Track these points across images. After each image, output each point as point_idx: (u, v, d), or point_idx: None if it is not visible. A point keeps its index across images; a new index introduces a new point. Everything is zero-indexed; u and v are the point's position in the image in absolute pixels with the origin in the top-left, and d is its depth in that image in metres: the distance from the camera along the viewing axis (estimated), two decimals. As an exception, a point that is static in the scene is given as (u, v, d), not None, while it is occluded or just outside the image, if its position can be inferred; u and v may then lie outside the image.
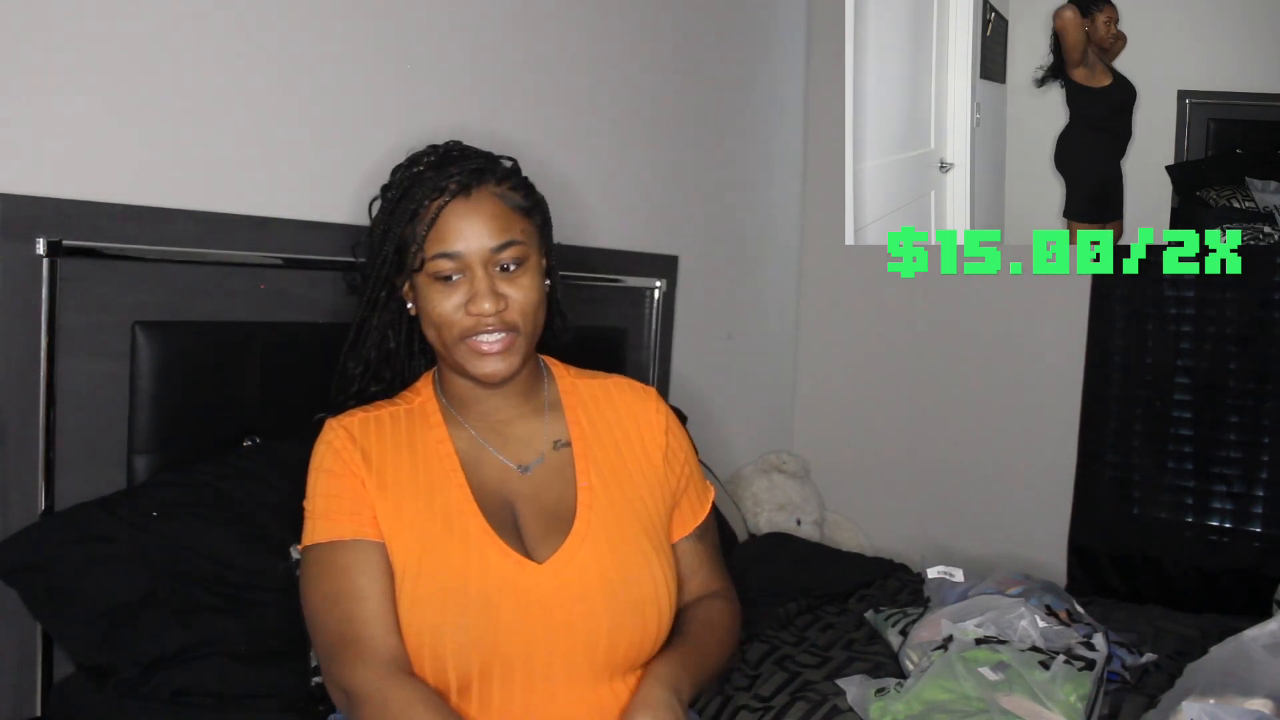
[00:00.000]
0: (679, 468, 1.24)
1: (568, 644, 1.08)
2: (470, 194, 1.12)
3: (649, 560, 1.14)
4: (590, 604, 1.09)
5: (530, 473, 1.18)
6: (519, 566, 1.09)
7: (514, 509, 1.15)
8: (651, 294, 2.39)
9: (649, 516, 1.19)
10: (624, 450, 1.21)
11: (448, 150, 1.17)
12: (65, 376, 1.37)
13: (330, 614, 1.08)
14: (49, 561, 1.29)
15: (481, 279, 1.11)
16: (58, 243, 1.33)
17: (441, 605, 1.06)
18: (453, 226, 1.11)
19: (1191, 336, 2.55)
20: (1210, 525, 2.54)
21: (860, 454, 3.02)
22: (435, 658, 1.05)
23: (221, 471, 1.45)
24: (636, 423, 1.23)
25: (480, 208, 1.12)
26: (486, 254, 1.11)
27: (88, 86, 1.39)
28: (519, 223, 1.14)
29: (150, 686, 1.25)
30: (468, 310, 1.11)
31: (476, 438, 1.19)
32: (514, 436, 1.20)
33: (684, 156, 2.57)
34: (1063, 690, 1.38)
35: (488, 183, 1.13)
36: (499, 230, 1.12)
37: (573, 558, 1.11)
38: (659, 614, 1.13)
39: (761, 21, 2.88)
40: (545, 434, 1.21)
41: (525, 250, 1.14)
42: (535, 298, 1.14)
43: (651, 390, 1.28)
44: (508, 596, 1.07)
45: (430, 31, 1.87)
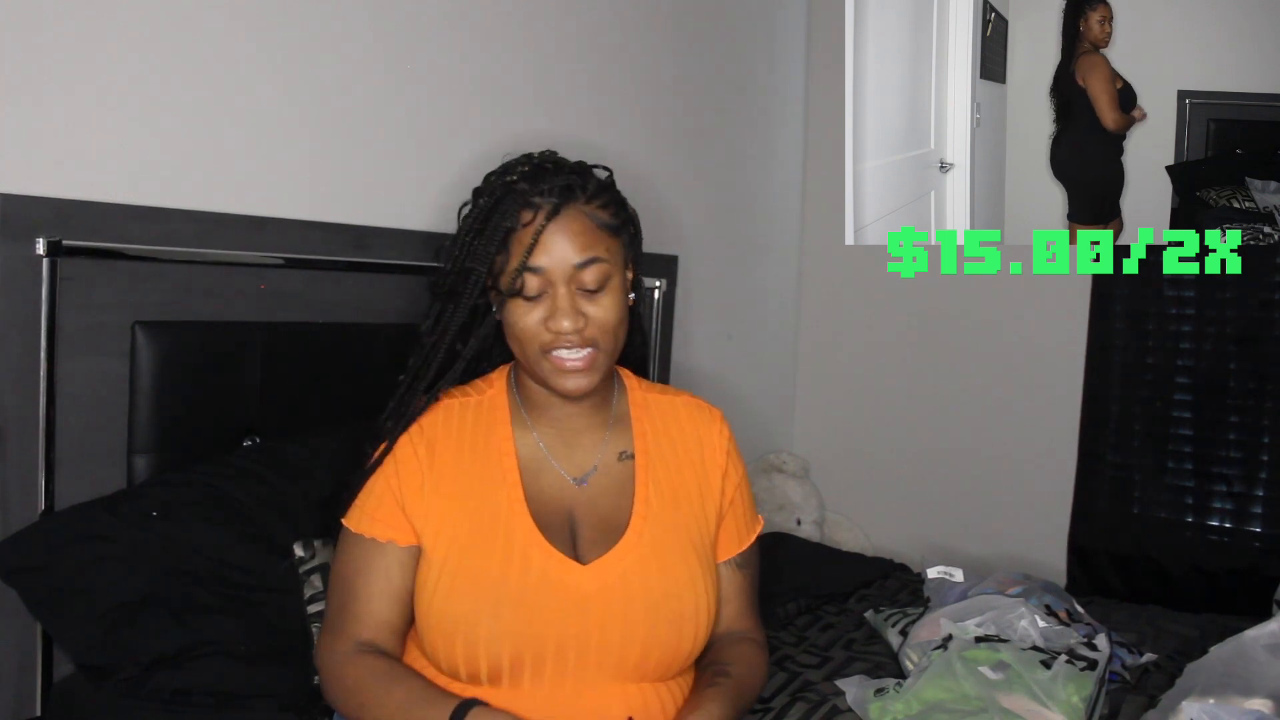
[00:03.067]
0: (732, 490, 1.25)
1: (601, 645, 1.09)
2: (560, 214, 1.10)
3: (694, 577, 1.15)
4: (629, 610, 1.10)
5: (586, 484, 1.19)
6: (562, 565, 1.11)
7: (571, 515, 1.16)
8: (652, 294, 2.39)
9: (700, 535, 1.19)
10: (685, 468, 1.22)
11: (541, 162, 1.14)
12: (65, 376, 1.37)
13: (334, 594, 1.16)
14: (49, 561, 1.29)
15: (564, 296, 1.10)
16: (58, 243, 1.33)
17: (476, 597, 1.08)
18: (539, 243, 1.09)
19: (1191, 336, 2.55)
20: (1210, 525, 2.54)
21: (860, 454, 3.02)
22: (468, 644, 1.07)
23: (221, 471, 1.44)
24: (700, 442, 1.24)
25: (567, 226, 1.10)
26: (570, 270, 1.10)
27: (88, 86, 1.39)
28: (605, 240, 1.13)
29: (150, 686, 1.25)
30: (548, 326, 1.10)
31: (540, 445, 1.20)
32: (579, 445, 1.21)
33: (684, 157, 2.57)
34: (1064, 690, 1.38)
35: (577, 200, 1.11)
36: (583, 247, 1.10)
37: (618, 563, 1.12)
38: (696, 631, 1.14)
39: (762, 22, 2.88)
40: (611, 445, 1.22)
41: (608, 269, 1.12)
42: (616, 316, 1.13)
43: (718, 412, 1.28)
44: (547, 593, 1.09)
45: (429, 32, 1.87)
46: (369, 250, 1.73)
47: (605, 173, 1.18)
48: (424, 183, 1.82)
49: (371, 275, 1.73)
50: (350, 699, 1.09)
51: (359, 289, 1.72)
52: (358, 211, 1.74)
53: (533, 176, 1.12)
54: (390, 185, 1.78)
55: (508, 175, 1.13)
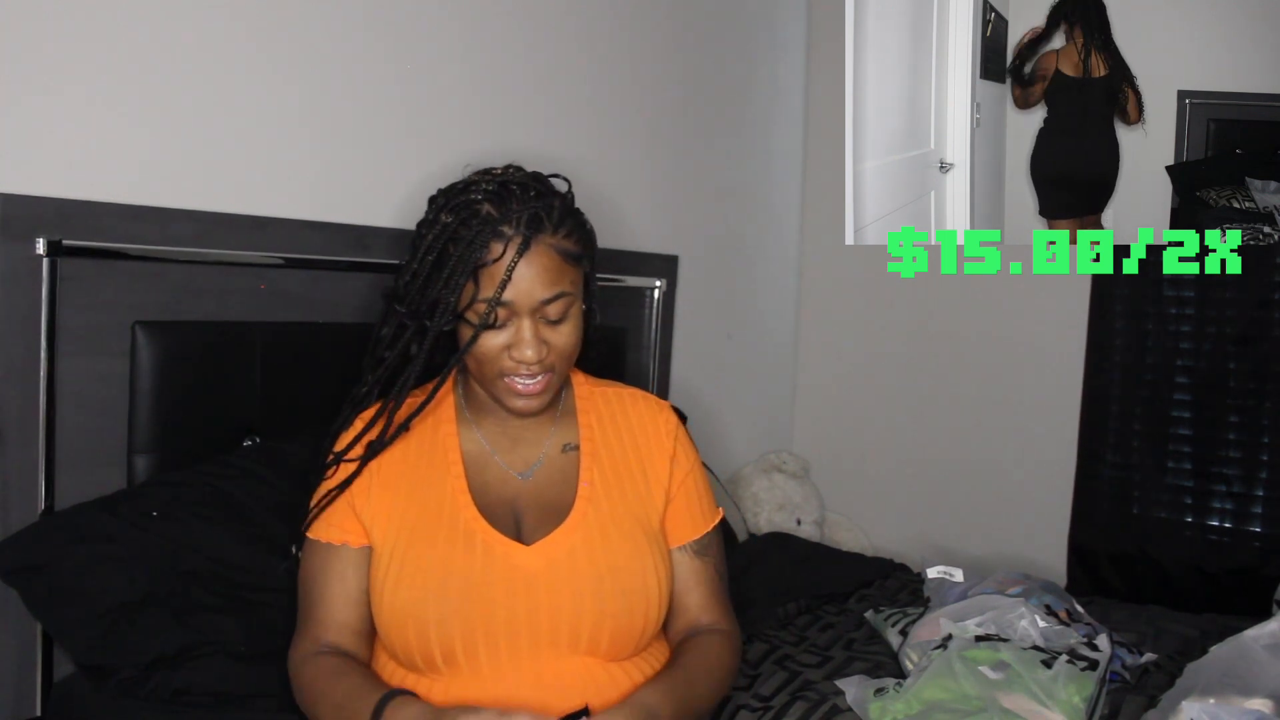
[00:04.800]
0: (682, 475, 1.27)
1: (552, 622, 1.12)
2: (529, 248, 1.10)
3: (641, 553, 1.17)
4: (577, 584, 1.13)
5: (531, 477, 1.22)
6: (506, 545, 1.14)
7: (515, 505, 1.20)
8: (651, 294, 2.39)
9: (648, 516, 1.22)
10: (630, 454, 1.25)
11: (506, 181, 1.13)
12: (65, 376, 1.37)
13: (299, 599, 1.20)
14: (49, 561, 1.29)
15: (528, 328, 1.12)
16: (58, 243, 1.33)
17: (423, 584, 1.11)
18: (510, 279, 1.09)
19: (1191, 336, 2.55)
20: (1210, 525, 2.54)
21: (860, 454, 3.02)
22: (419, 631, 1.10)
23: (221, 471, 1.45)
24: (645, 430, 1.27)
25: (535, 261, 1.10)
26: (535, 304, 1.12)
27: (88, 86, 1.39)
28: (569, 273, 1.14)
29: (150, 686, 1.25)
30: (510, 355, 1.13)
31: (484, 442, 1.23)
32: (523, 440, 1.24)
33: (684, 157, 2.57)
34: (1065, 690, 1.38)
35: (544, 232, 1.11)
36: (550, 284, 1.11)
37: (564, 541, 1.15)
38: (647, 605, 1.16)
39: (761, 21, 2.88)
40: (555, 439, 1.25)
41: (572, 300, 1.15)
42: (574, 340, 1.17)
43: (666, 404, 1.32)
44: (492, 572, 1.12)
45: (430, 31, 1.87)
46: (369, 250, 1.73)
47: (564, 185, 1.19)
48: (424, 183, 1.81)
49: (371, 275, 1.73)
50: (304, 699, 1.13)
51: (359, 289, 1.72)
52: (358, 211, 1.74)
53: (499, 199, 1.11)
54: (390, 185, 1.78)
55: (471, 194, 1.12)
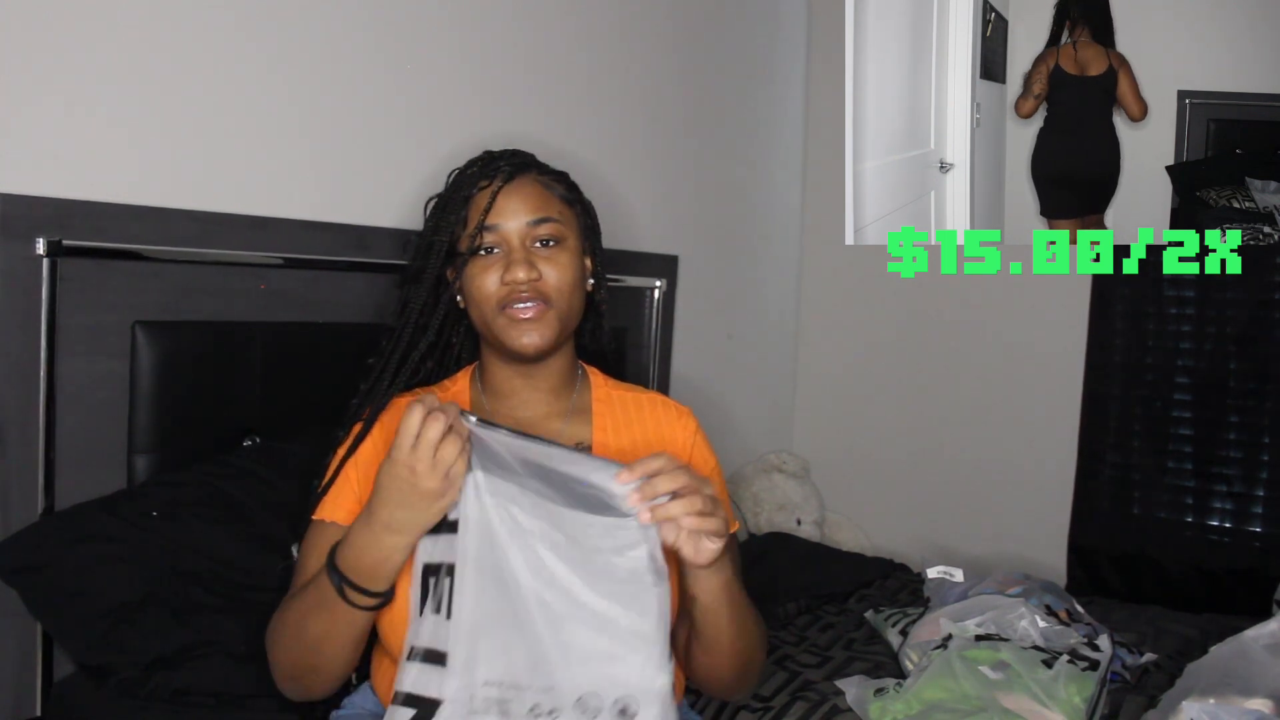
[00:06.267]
0: (703, 471, 1.24)
1: None
2: (514, 179, 1.18)
3: None
4: None
5: None
6: None
7: None
8: (651, 294, 2.39)
9: None
10: (643, 451, 1.22)
11: (500, 152, 1.24)
12: (65, 376, 1.37)
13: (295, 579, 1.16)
14: (49, 561, 1.28)
15: (518, 250, 1.16)
16: (58, 243, 1.33)
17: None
18: (495, 205, 1.17)
19: (1191, 336, 2.55)
20: (1210, 525, 2.54)
21: (860, 454, 3.02)
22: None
23: (221, 471, 1.44)
24: (662, 434, 1.25)
25: (521, 189, 1.18)
26: (524, 229, 1.17)
27: (88, 87, 1.39)
28: (558, 205, 1.21)
29: (150, 686, 1.25)
30: (503, 280, 1.15)
31: None
32: (534, 430, 1.21)
33: (684, 157, 2.57)
34: (1065, 690, 1.38)
35: (531, 172, 1.21)
36: (536, 208, 1.18)
37: None
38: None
39: (762, 22, 2.88)
40: (567, 435, 1.23)
41: (561, 230, 1.19)
42: (570, 277, 1.18)
43: (687, 409, 1.30)
44: None
45: (430, 32, 1.87)
46: (369, 250, 1.73)
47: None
48: (424, 183, 1.82)
49: (371, 275, 1.73)
50: (272, 637, 1.11)
51: (359, 289, 1.72)
52: (358, 211, 1.74)
53: (489, 159, 1.22)
54: (390, 185, 1.78)
55: (469, 168, 1.22)
